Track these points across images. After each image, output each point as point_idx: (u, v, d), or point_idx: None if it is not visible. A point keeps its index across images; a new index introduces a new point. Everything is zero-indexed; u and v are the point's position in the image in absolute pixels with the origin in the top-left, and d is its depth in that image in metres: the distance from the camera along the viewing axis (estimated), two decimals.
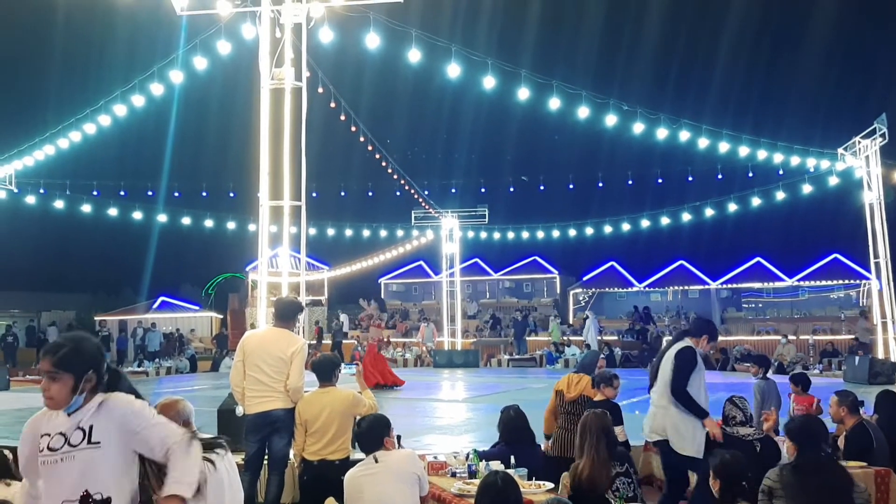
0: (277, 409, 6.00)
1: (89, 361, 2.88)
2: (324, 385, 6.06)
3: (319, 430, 5.85)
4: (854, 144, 16.92)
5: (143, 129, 23.00)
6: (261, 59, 8.95)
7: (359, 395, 6.12)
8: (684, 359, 5.76)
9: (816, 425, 4.52)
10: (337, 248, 29.70)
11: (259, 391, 6.01)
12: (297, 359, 6.07)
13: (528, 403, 6.71)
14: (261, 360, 6.05)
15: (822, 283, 32.48)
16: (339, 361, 6.44)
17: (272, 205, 8.51)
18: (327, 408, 5.89)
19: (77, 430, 2.80)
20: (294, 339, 6.20)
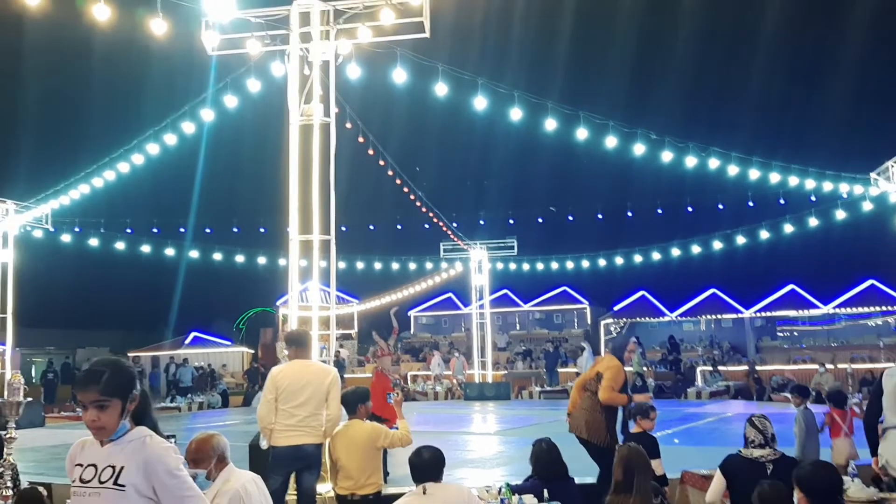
0: (308, 444, 6.02)
1: (131, 382, 2.86)
2: (350, 418, 6.22)
3: (345, 465, 6.00)
4: (887, 169, 16.67)
5: (176, 167, 23.34)
6: (290, 96, 9.08)
7: (380, 427, 6.22)
8: None
9: (827, 473, 4.28)
10: (367, 282, 29.81)
11: (292, 424, 6.01)
12: (334, 389, 6.14)
13: (560, 436, 6.62)
14: (301, 394, 6.06)
15: (859, 311, 31.86)
16: (365, 393, 6.44)
17: (302, 239, 8.56)
18: (349, 442, 6.04)
19: (108, 466, 2.79)
20: (328, 369, 6.31)
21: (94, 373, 2.81)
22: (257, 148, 26.86)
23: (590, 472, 7.17)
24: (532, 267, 27.96)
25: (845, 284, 32.33)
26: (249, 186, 32.83)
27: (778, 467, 5.29)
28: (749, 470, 5.27)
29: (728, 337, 33.09)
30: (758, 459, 5.36)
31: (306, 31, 9.14)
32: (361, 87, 11.57)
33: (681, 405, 20.71)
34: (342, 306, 29.11)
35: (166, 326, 38.06)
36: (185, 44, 11.52)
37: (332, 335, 9.08)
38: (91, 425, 2.80)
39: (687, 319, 35.44)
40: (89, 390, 2.78)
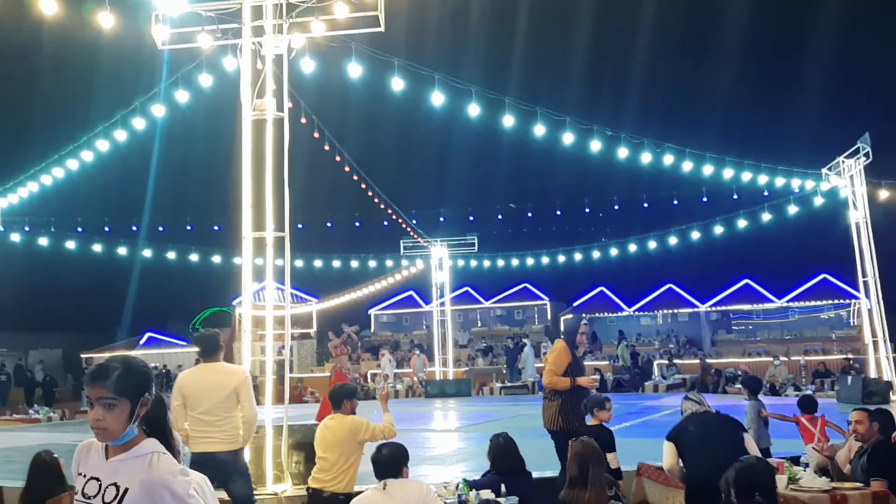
0: (222, 451, 5.81)
1: (145, 384, 2.63)
2: (335, 412, 6.18)
3: (322, 457, 6.02)
4: (838, 164, 17.03)
5: (128, 164, 22.94)
6: (242, 90, 8.90)
7: (361, 420, 6.14)
8: None
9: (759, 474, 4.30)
10: (325, 280, 29.57)
11: (203, 431, 5.81)
12: (243, 390, 5.92)
13: (520, 431, 6.61)
14: (207, 399, 5.86)
15: (812, 304, 32.55)
16: (352, 390, 6.44)
17: (255, 236, 8.40)
18: (329, 434, 6.04)
19: (112, 485, 2.57)
20: (235, 371, 6.06)
21: (106, 368, 2.59)
22: (210, 144, 26.46)
23: (548, 467, 7.16)
24: (493, 264, 28.01)
25: (798, 278, 33.02)
26: (203, 183, 32.35)
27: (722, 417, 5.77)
28: (695, 420, 5.77)
29: (684, 331, 33.59)
30: (703, 411, 5.78)
31: (259, 24, 8.97)
32: (317, 82, 11.44)
33: (639, 398, 20.91)
34: (300, 305, 28.84)
35: (121, 327, 37.41)
36: (134, 38, 11.28)
37: (287, 335, 8.92)
38: (95, 425, 2.56)
39: (644, 314, 35.89)
40: (97, 386, 2.56)
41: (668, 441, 5.84)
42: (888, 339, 16.60)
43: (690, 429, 5.78)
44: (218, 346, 6.17)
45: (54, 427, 18.63)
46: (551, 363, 7.23)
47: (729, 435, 5.64)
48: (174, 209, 28.93)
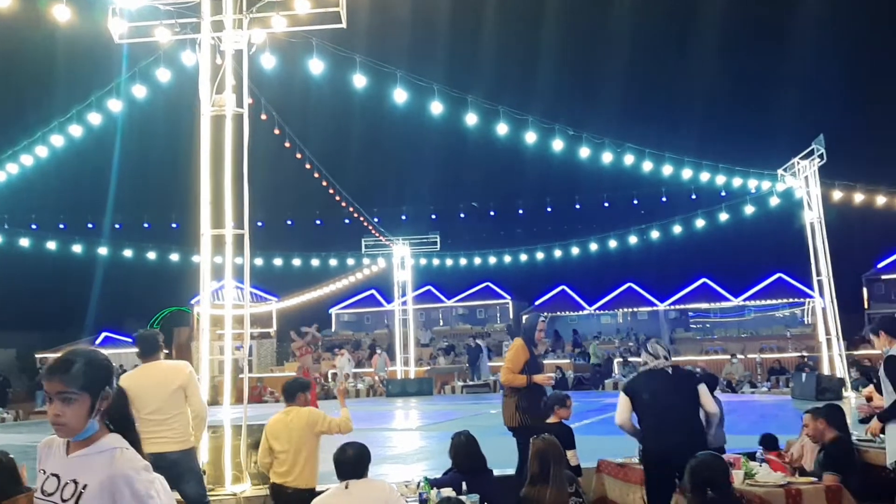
0: (172, 451, 5.72)
1: (106, 378, 2.55)
2: (288, 405, 6.13)
3: (281, 452, 5.95)
4: (793, 165, 17.35)
5: (84, 160, 22.46)
6: (201, 86, 8.77)
7: (318, 412, 6.14)
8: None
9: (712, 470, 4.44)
10: (286, 279, 29.32)
11: (153, 431, 5.69)
12: (191, 382, 5.87)
13: (481, 429, 6.61)
14: (153, 399, 5.78)
15: (768, 303, 33.19)
16: (306, 383, 6.43)
17: (214, 234, 8.28)
18: (285, 428, 5.99)
19: (72, 481, 2.48)
20: (177, 368, 5.99)
21: (65, 362, 2.50)
22: (168, 140, 26.08)
23: (510, 465, 7.19)
24: (455, 262, 28.01)
25: (754, 277, 33.67)
26: (161, 180, 31.88)
27: (677, 371, 5.81)
28: (649, 378, 5.83)
29: (644, 329, 33.98)
30: (657, 368, 5.79)
31: (218, 19, 8.83)
32: (278, 79, 11.33)
33: (599, 396, 21.10)
34: (259, 304, 28.55)
35: (77, 327, 36.67)
36: (91, 32, 11.04)
37: (247, 334, 8.80)
38: (53, 420, 2.47)
39: (605, 312, 36.26)
40: (55, 380, 2.47)
41: (623, 394, 5.92)
42: (841, 337, 16.96)
43: (644, 385, 5.86)
44: (157, 346, 6.09)
45: (8, 428, 18.21)
46: (508, 360, 7.30)
47: (683, 391, 5.69)
48: (131, 206, 28.48)
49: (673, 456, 5.24)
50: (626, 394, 5.89)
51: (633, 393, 5.84)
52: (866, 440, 7.15)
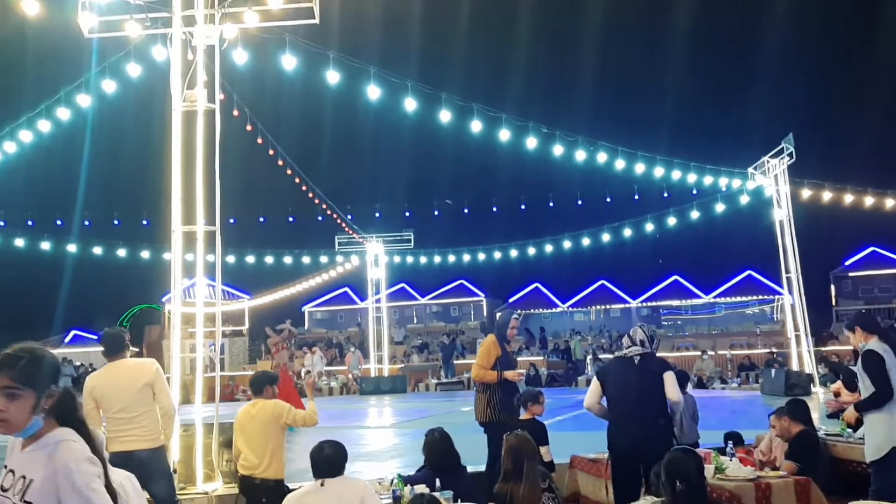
0: (141, 449, 5.67)
1: (52, 375, 2.53)
2: (256, 398, 6.29)
3: (247, 444, 6.11)
4: (763, 164, 17.56)
5: (52, 157, 22.12)
6: (172, 81, 8.68)
7: (283, 404, 6.23)
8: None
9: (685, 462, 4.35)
10: (258, 277, 29.09)
11: (121, 430, 5.67)
12: (158, 380, 5.83)
13: (455, 426, 6.62)
14: (119, 397, 5.73)
15: (738, 300, 33.58)
16: (274, 377, 6.58)
17: (185, 230, 8.20)
18: (251, 421, 6.15)
19: (21, 477, 2.46)
20: (143, 365, 5.95)
21: (11, 357, 2.48)
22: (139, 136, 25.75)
23: (483, 461, 7.20)
24: (429, 260, 27.98)
25: (725, 275, 34.06)
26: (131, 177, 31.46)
27: (645, 359, 5.79)
28: (618, 366, 5.94)
29: (616, 326, 34.22)
30: (626, 355, 5.84)
31: (190, 14, 8.74)
32: (250, 75, 11.24)
33: (572, 392, 21.22)
34: (231, 302, 28.34)
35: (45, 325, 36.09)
36: (60, 25, 10.88)
37: (218, 332, 8.72)
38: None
39: (578, 310, 36.45)
40: (1, 374, 2.45)
41: (595, 378, 6.03)
42: (809, 333, 17.21)
43: (612, 372, 5.93)
44: (123, 345, 6.02)
45: None
46: (480, 357, 7.36)
47: (647, 382, 5.67)
48: (101, 203, 28.08)
49: (633, 447, 5.34)
50: (597, 378, 5.99)
51: (603, 378, 5.94)
52: (834, 434, 7.26)
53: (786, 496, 5.67)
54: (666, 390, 5.60)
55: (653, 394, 5.62)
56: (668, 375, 5.68)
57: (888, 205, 18.23)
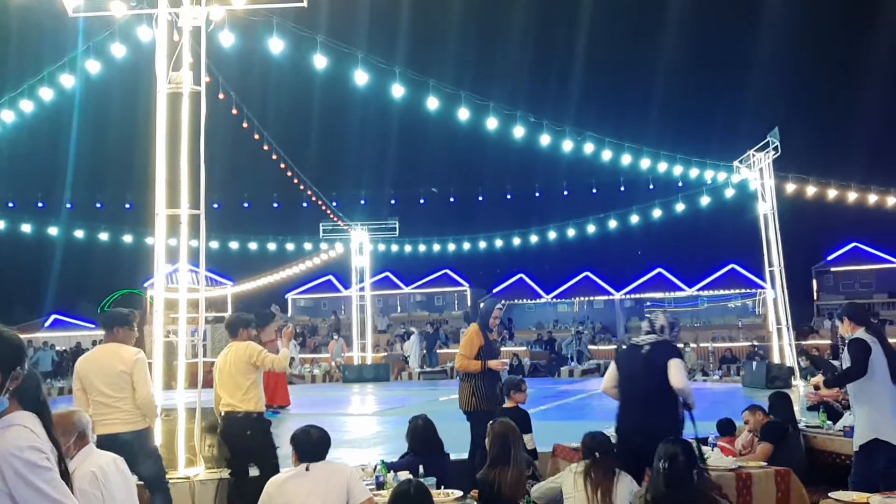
0: (124, 432, 5.71)
1: (16, 357, 2.52)
2: (231, 339, 6.71)
3: (223, 385, 6.53)
4: (749, 157, 17.62)
5: (34, 138, 21.87)
6: (157, 62, 8.57)
7: (256, 346, 6.62)
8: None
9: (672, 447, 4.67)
10: (242, 263, 28.94)
11: (103, 413, 5.70)
12: (137, 368, 5.80)
13: (437, 414, 6.62)
14: (98, 380, 5.76)
15: (720, 293, 33.80)
16: (248, 319, 6.97)
17: (169, 213, 8.11)
18: (226, 363, 6.55)
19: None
20: (124, 352, 5.89)
21: None
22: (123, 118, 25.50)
23: (466, 448, 7.21)
24: (414, 249, 27.90)
25: (708, 268, 34.28)
26: (114, 159, 31.22)
27: (654, 348, 5.73)
28: (629, 354, 5.95)
29: (600, 317, 34.42)
30: (637, 343, 5.84)
31: None
32: (237, 58, 11.12)
33: (554, 383, 21.31)
34: (214, 288, 28.18)
35: (26, 309, 35.82)
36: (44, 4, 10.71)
37: (202, 318, 8.65)
38: None
39: (561, 301, 36.56)
40: None
41: (613, 362, 6.09)
42: (791, 326, 17.33)
43: (624, 359, 5.99)
44: (112, 323, 6.01)
45: None
46: (462, 346, 7.36)
47: (654, 370, 5.58)
48: (84, 186, 27.79)
49: (635, 437, 5.34)
50: (614, 362, 6.07)
51: (617, 363, 5.99)
52: (814, 426, 7.34)
53: (766, 486, 5.73)
54: (670, 377, 5.47)
55: (657, 385, 5.53)
56: (674, 362, 5.55)
57: (871, 201, 18.36)
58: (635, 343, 5.91)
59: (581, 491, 4.92)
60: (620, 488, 4.97)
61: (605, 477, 4.96)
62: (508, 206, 27.01)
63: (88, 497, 3.77)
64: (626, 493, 4.99)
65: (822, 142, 33.48)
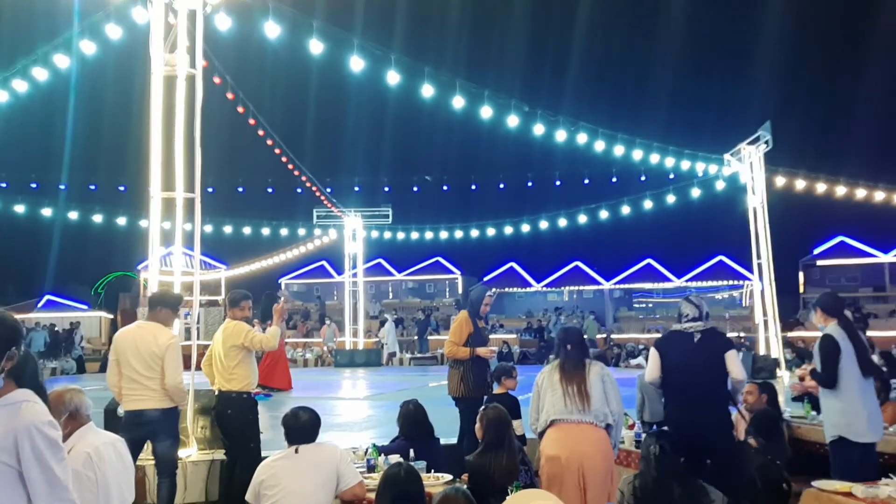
0: (151, 409, 5.82)
1: (12, 337, 2.59)
2: (230, 311, 6.78)
3: (215, 361, 6.63)
4: (739, 150, 17.71)
5: (28, 118, 21.76)
6: (153, 45, 8.57)
7: (243, 325, 6.63)
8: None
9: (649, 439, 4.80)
10: (235, 247, 28.93)
11: (133, 389, 5.82)
12: (169, 353, 5.87)
13: (428, 399, 6.71)
14: (133, 358, 5.85)
15: (709, 284, 33.99)
16: (240, 295, 6.91)
17: (164, 196, 8.15)
18: (219, 341, 6.63)
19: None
20: (164, 332, 5.98)
21: None
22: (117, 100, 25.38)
23: (456, 434, 7.31)
24: (407, 236, 27.94)
25: (697, 260, 34.43)
26: (109, 141, 31.10)
27: (705, 336, 5.52)
28: (678, 341, 5.57)
29: (588, 307, 34.52)
30: (686, 330, 5.57)
31: None
32: (233, 42, 11.11)
33: None
34: (208, 272, 28.18)
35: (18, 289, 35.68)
36: None
37: (196, 301, 8.71)
38: None
39: (551, 290, 36.70)
40: None
41: (654, 350, 5.73)
42: (777, 318, 17.49)
43: (673, 346, 5.60)
44: (158, 303, 6.11)
45: None
46: (452, 333, 7.39)
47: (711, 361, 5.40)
48: (77, 167, 27.68)
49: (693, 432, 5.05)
50: (657, 350, 5.68)
51: (662, 351, 5.63)
52: (798, 416, 7.47)
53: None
54: (730, 369, 5.32)
55: (711, 375, 5.35)
56: (731, 354, 5.41)
57: (859, 195, 18.51)
58: (682, 330, 5.58)
59: (558, 387, 5.05)
60: (593, 375, 5.09)
61: (576, 368, 5.10)
62: (501, 195, 27.05)
63: (81, 478, 3.75)
64: (597, 380, 5.09)
65: (812, 136, 33.63)
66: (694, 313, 5.58)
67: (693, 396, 5.35)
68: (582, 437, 4.93)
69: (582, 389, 5.01)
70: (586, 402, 4.98)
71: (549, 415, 5.06)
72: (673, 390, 5.55)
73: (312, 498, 4.45)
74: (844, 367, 5.58)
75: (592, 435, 4.95)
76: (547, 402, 5.09)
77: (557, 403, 5.03)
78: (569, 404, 4.99)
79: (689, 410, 5.33)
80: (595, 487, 4.85)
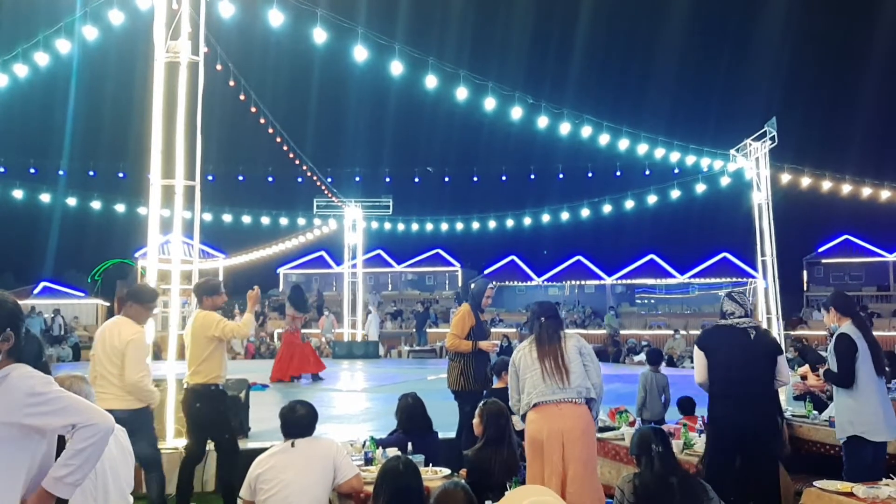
0: (119, 409, 5.34)
1: (9, 318, 2.66)
2: (198, 307, 6.48)
3: (190, 352, 6.34)
4: (745, 146, 17.60)
5: (27, 103, 21.64)
6: (155, 31, 8.49)
7: (213, 315, 6.39)
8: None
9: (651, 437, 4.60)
10: (234, 236, 28.84)
11: (102, 386, 5.54)
12: (129, 349, 5.59)
13: (426, 392, 6.64)
14: (101, 353, 5.64)
15: (712, 281, 33.91)
16: (216, 284, 6.68)
17: (164, 184, 8.07)
18: (189, 333, 6.38)
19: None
20: (129, 327, 5.71)
21: None
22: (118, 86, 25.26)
23: (454, 427, 7.25)
24: (407, 227, 27.83)
25: (700, 256, 34.35)
26: (109, 127, 30.99)
27: (760, 333, 5.47)
28: (730, 336, 5.45)
29: (590, 302, 34.48)
30: (738, 325, 5.46)
31: None
32: (236, 29, 11.01)
33: None
34: (206, 260, 28.10)
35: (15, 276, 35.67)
36: None
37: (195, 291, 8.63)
38: None
39: (552, 284, 36.62)
40: None
41: (697, 349, 5.61)
42: (780, 316, 17.40)
43: (721, 342, 5.50)
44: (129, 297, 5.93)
45: None
46: (453, 326, 7.36)
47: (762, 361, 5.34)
48: (77, 153, 27.58)
49: (742, 432, 5.01)
50: (699, 348, 5.56)
51: (708, 348, 5.52)
52: (800, 416, 7.39)
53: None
54: (780, 371, 5.34)
55: (760, 374, 5.32)
56: (783, 358, 5.44)
57: (864, 194, 18.40)
58: (733, 325, 5.47)
59: (536, 365, 5.02)
60: (570, 347, 5.07)
61: (552, 339, 5.09)
62: (503, 188, 26.94)
63: None
64: (575, 353, 5.06)
65: (818, 133, 33.55)
66: (740, 311, 5.53)
67: (744, 394, 5.26)
68: (561, 416, 4.89)
69: (559, 363, 4.98)
70: (566, 376, 4.95)
71: (532, 397, 5.00)
72: (720, 387, 5.39)
73: (309, 491, 4.39)
74: (860, 367, 5.54)
75: (572, 412, 4.90)
76: (528, 384, 5.05)
77: (538, 385, 4.98)
78: (549, 382, 4.95)
79: (741, 410, 5.23)
80: (576, 461, 4.81)
